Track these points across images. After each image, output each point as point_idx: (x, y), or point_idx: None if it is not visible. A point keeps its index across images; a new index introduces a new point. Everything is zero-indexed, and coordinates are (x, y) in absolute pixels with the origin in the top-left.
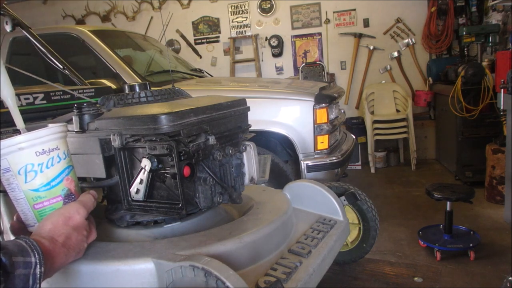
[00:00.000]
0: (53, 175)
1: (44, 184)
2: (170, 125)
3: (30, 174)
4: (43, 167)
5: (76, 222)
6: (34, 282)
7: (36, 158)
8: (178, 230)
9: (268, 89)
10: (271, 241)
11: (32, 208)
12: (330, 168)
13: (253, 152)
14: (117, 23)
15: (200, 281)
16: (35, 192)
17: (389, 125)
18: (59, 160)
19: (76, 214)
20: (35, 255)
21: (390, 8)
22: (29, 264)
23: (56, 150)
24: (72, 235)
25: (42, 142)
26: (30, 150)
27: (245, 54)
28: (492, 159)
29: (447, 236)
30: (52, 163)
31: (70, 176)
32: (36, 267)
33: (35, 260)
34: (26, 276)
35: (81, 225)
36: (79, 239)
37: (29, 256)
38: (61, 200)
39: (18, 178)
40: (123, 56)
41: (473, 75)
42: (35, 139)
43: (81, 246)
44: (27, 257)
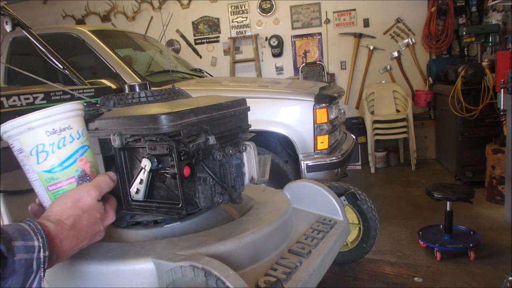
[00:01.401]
0: (65, 155)
1: (56, 165)
2: (170, 125)
3: (42, 154)
4: (55, 147)
5: (87, 203)
6: (38, 266)
7: (47, 138)
8: (178, 230)
9: (268, 89)
10: (271, 241)
11: (46, 190)
12: (330, 168)
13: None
14: (117, 23)
15: (200, 281)
16: (48, 174)
17: (389, 125)
18: (71, 140)
19: (86, 195)
20: (38, 238)
21: (390, 8)
22: (31, 248)
23: (68, 129)
24: (82, 217)
25: (52, 121)
26: (40, 129)
27: (245, 54)
28: (492, 159)
29: (447, 236)
30: (64, 143)
31: (85, 157)
32: (40, 251)
33: (39, 244)
34: (29, 260)
35: (93, 206)
36: (91, 222)
37: (32, 240)
38: (74, 181)
39: (31, 159)
40: (123, 56)
41: (473, 75)
42: (45, 117)
43: (96, 229)
44: (29, 241)
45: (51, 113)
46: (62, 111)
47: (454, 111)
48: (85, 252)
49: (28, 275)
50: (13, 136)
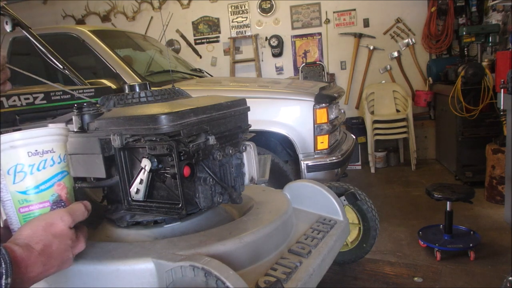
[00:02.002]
0: (43, 178)
1: (33, 187)
2: (170, 125)
3: (20, 174)
4: (34, 168)
5: (59, 229)
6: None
7: (27, 159)
8: (178, 230)
9: (268, 89)
10: (271, 241)
11: (17, 212)
12: (330, 168)
13: (253, 152)
14: (117, 23)
15: (200, 281)
16: (22, 195)
17: (389, 125)
18: (52, 164)
19: (59, 221)
20: (1, 264)
21: (390, 8)
22: None
23: (50, 152)
24: (52, 243)
25: (36, 142)
26: (23, 149)
27: (245, 54)
28: (492, 159)
29: (447, 236)
30: (44, 166)
31: (63, 182)
32: (1, 278)
33: (1, 271)
34: None
35: (64, 233)
36: (62, 248)
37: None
38: (48, 206)
39: (7, 178)
40: (123, 56)
41: (473, 75)
42: (29, 138)
43: (65, 256)
44: None
45: (36, 134)
46: (48, 133)
47: (454, 111)
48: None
49: None
50: None
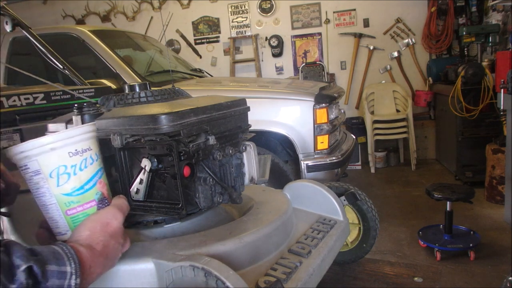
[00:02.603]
0: (86, 178)
1: (77, 188)
2: (170, 125)
3: (63, 177)
4: (76, 169)
5: (114, 228)
6: None
7: (69, 160)
8: (178, 230)
9: (268, 89)
10: (271, 241)
11: (64, 214)
12: (330, 168)
13: (253, 152)
14: (117, 23)
15: (200, 281)
16: (67, 197)
17: (389, 125)
18: (92, 162)
19: (113, 220)
20: (71, 264)
21: (390, 8)
22: (63, 274)
23: (89, 150)
24: (109, 243)
25: (75, 141)
26: (63, 150)
27: (245, 54)
28: (492, 159)
29: (447, 236)
30: (86, 165)
31: (103, 179)
32: (71, 278)
33: (71, 270)
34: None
35: (118, 231)
36: (116, 248)
37: (65, 265)
38: (95, 205)
39: (50, 181)
40: (123, 56)
41: (473, 75)
42: (68, 138)
43: (117, 255)
44: (62, 266)
45: (74, 134)
46: (84, 131)
47: (454, 111)
48: None
49: None
50: (31, 157)
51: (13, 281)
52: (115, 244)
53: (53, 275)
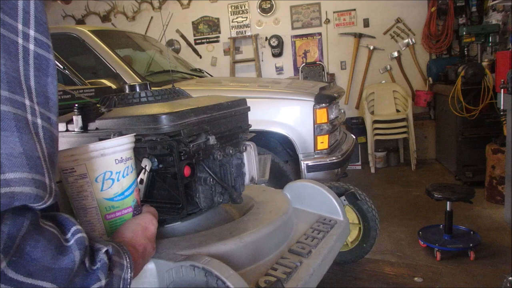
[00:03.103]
0: (127, 184)
1: (119, 193)
2: (171, 125)
3: (108, 182)
4: (120, 175)
5: (151, 233)
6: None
7: (115, 166)
8: (179, 230)
9: (268, 89)
10: (271, 241)
11: (103, 218)
12: (330, 168)
13: (253, 152)
14: (117, 23)
15: (200, 281)
16: (109, 201)
17: (389, 125)
18: (132, 170)
19: (151, 225)
20: (126, 258)
21: (390, 8)
22: (122, 266)
23: (130, 159)
24: (147, 246)
25: (122, 150)
26: (111, 157)
27: (245, 54)
28: (492, 159)
29: (447, 236)
30: (127, 173)
31: (138, 188)
32: (127, 271)
33: (127, 264)
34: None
35: (153, 235)
36: (151, 251)
37: (122, 259)
38: (131, 211)
39: (94, 185)
40: (123, 56)
41: (473, 75)
42: (118, 145)
43: (150, 258)
44: (121, 259)
45: (123, 142)
46: (129, 141)
47: (454, 111)
48: None
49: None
50: (80, 161)
51: (94, 262)
52: (151, 248)
53: (116, 265)
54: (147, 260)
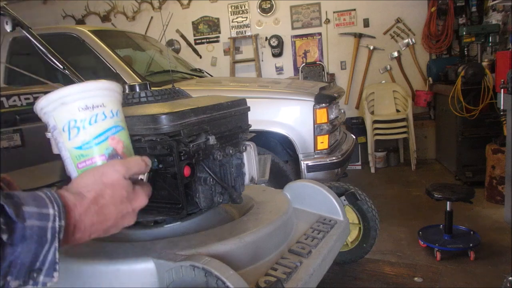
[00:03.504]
0: (96, 132)
1: (87, 141)
2: (171, 125)
3: (73, 130)
4: (86, 123)
5: (110, 179)
6: (53, 236)
7: (78, 113)
8: (179, 230)
9: (268, 89)
10: (271, 241)
11: (76, 168)
12: (330, 168)
13: (253, 152)
14: (117, 23)
15: (200, 281)
16: (78, 150)
17: (389, 125)
18: (104, 118)
19: (111, 171)
20: (54, 207)
21: (390, 8)
22: (45, 216)
23: (101, 107)
24: (104, 192)
25: (85, 97)
26: (73, 105)
27: (245, 54)
28: (492, 159)
29: (447, 236)
30: (96, 120)
31: (117, 136)
32: (55, 220)
33: (54, 213)
34: (42, 228)
35: (117, 183)
36: (116, 199)
37: (46, 208)
38: (105, 159)
39: (63, 135)
40: (123, 56)
41: (473, 75)
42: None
43: (123, 210)
44: (44, 208)
45: (84, 89)
46: (96, 88)
47: (454, 111)
48: (85, 252)
49: (41, 244)
50: (48, 113)
51: None
52: (114, 196)
53: (31, 216)
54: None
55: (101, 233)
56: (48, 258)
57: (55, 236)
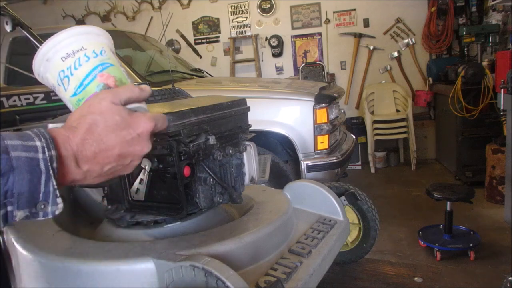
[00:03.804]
0: (83, 74)
1: (78, 85)
2: (171, 125)
3: (65, 80)
4: (72, 69)
5: (98, 107)
6: (47, 167)
7: (63, 64)
8: (179, 230)
9: (268, 89)
10: (271, 241)
11: None
12: (330, 168)
13: (253, 152)
14: (117, 23)
15: (200, 281)
16: (75, 97)
17: (389, 125)
18: (87, 59)
19: (97, 100)
20: (41, 139)
21: (390, 8)
22: (32, 147)
23: (81, 50)
24: (96, 120)
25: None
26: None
27: (245, 54)
28: (492, 159)
29: (447, 236)
30: (80, 63)
31: (106, 72)
32: (44, 152)
33: (42, 145)
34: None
35: (107, 109)
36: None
37: (32, 141)
38: None
39: (60, 89)
40: (123, 56)
41: (473, 75)
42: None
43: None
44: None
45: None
46: (70, 35)
47: (454, 111)
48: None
49: (36, 175)
50: (43, 75)
51: None
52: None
53: (16, 148)
54: (107, 134)
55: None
56: (50, 188)
57: (48, 166)
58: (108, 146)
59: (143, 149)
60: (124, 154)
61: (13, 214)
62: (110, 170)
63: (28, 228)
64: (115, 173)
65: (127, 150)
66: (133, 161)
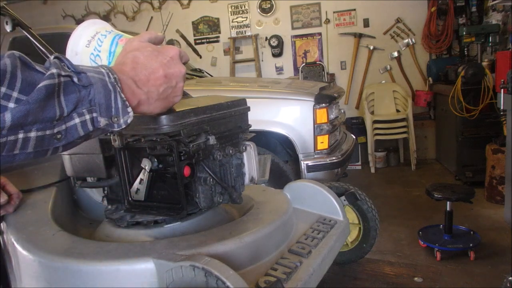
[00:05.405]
0: (108, 45)
1: (108, 55)
2: (171, 125)
3: (97, 59)
4: (98, 48)
5: (131, 46)
6: (114, 86)
7: (89, 49)
8: (179, 230)
9: (268, 89)
10: (271, 241)
11: None
12: (330, 168)
13: (253, 152)
14: (117, 23)
15: (200, 281)
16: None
17: (389, 125)
18: (105, 36)
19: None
20: (104, 68)
21: (390, 8)
22: (100, 72)
23: (97, 34)
24: (135, 54)
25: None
26: (81, 48)
27: (245, 54)
28: (492, 159)
29: (447, 236)
30: (101, 41)
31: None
32: (109, 75)
33: (106, 71)
34: (102, 80)
35: (139, 45)
36: (148, 54)
37: (98, 69)
38: None
39: None
40: None
41: (473, 75)
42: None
43: (162, 59)
44: (95, 69)
45: (77, 35)
46: (83, 28)
47: (454, 111)
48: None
49: (107, 92)
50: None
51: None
52: (144, 53)
53: (88, 70)
54: (150, 62)
55: (165, 84)
56: (119, 104)
57: (115, 86)
58: (153, 69)
59: (180, 69)
60: (168, 75)
61: (98, 120)
62: (165, 92)
63: (28, 228)
64: (169, 98)
65: (169, 71)
66: (178, 83)
